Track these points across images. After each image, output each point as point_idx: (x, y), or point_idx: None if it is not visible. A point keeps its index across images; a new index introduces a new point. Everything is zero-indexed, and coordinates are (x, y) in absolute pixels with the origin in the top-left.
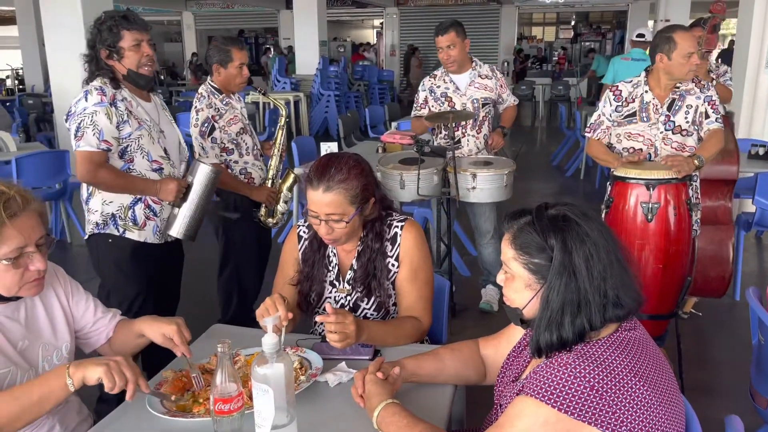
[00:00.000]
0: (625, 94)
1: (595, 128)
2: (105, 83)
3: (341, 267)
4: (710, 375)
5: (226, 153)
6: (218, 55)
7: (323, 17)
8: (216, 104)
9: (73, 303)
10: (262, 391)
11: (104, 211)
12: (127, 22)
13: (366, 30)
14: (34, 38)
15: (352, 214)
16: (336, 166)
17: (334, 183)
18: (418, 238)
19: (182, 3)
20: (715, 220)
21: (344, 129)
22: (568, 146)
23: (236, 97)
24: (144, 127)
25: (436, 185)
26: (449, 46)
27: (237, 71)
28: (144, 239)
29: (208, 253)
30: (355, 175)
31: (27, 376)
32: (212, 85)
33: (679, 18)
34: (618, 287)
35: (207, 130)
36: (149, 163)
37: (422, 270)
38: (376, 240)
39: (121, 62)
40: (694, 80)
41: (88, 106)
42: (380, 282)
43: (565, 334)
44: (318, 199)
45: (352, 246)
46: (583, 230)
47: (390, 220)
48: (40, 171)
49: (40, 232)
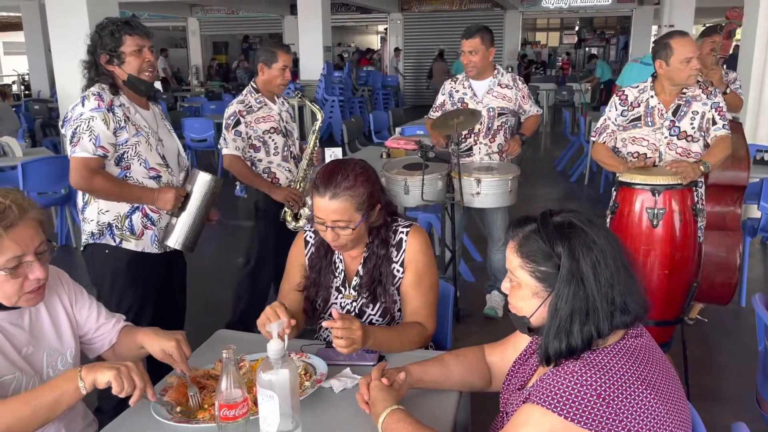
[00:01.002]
0: (631, 99)
1: (601, 132)
2: (103, 89)
3: (347, 273)
4: (716, 381)
5: (253, 150)
6: (264, 55)
7: (327, 23)
8: (249, 101)
9: (77, 308)
10: (267, 397)
11: (100, 220)
12: (129, 27)
13: (370, 36)
14: (40, 44)
15: (359, 221)
16: (343, 173)
17: (340, 190)
18: (423, 244)
19: (187, 9)
20: (723, 225)
21: (348, 134)
22: (572, 151)
23: (280, 100)
24: (142, 134)
25: (441, 190)
26: (471, 51)
27: (279, 72)
28: (142, 249)
29: (213, 257)
30: (362, 182)
31: (32, 382)
32: (253, 85)
33: (684, 23)
34: (625, 294)
35: (232, 123)
36: (146, 170)
37: (427, 275)
38: (382, 246)
39: (122, 67)
40: (701, 86)
41: (85, 112)
42: (385, 288)
43: (573, 342)
44: (325, 206)
45: (358, 252)
46: (589, 237)
47: (395, 225)
48: (46, 176)
49: (38, 240)
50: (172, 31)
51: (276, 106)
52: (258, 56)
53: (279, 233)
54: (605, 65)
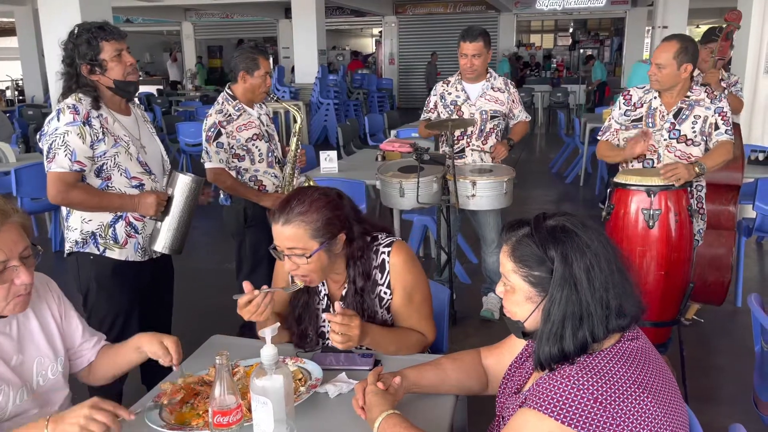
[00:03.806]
0: (635, 99)
1: (605, 131)
2: (79, 100)
3: (331, 298)
4: (713, 382)
5: (237, 159)
6: (245, 63)
7: (322, 26)
8: (227, 110)
9: (66, 320)
10: (261, 404)
11: (83, 229)
12: (104, 32)
13: (365, 39)
14: (34, 49)
15: (315, 248)
16: (298, 200)
17: (293, 215)
18: (407, 261)
19: (182, 13)
20: (718, 225)
21: (344, 137)
22: (567, 153)
23: (257, 104)
24: (121, 144)
25: (436, 193)
26: (475, 55)
27: (262, 80)
28: (125, 257)
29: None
30: (317, 208)
31: (20, 393)
32: (228, 92)
33: (677, 25)
34: (620, 297)
35: (213, 134)
36: (128, 180)
37: (417, 291)
38: (360, 278)
39: (106, 75)
40: (706, 90)
41: (60, 126)
42: (369, 319)
43: (567, 347)
44: (278, 232)
45: (340, 277)
46: (583, 241)
47: (375, 245)
48: (40, 181)
49: (23, 245)
50: (166, 35)
51: (255, 111)
52: (237, 64)
53: (269, 238)
54: (602, 67)
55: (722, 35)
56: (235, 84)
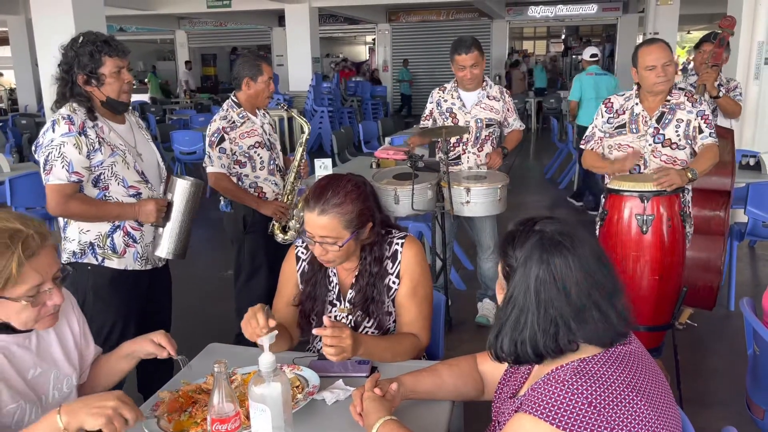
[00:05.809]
0: (616, 107)
1: (589, 140)
2: (74, 110)
3: (341, 287)
4: (707, 386)
5: (239, 166)
6: (249, 70)
7: (316, 34)
8: (231, 116)
9: (83, 336)
10: (259, 411)
11: (81, 239)
12: (108, 47)
13: (359, 46)
14: (27, 59)
15: (347, 238)
16: (333, 190)
17: (329, 207)
18: (418, 255)
19: (175, 21)
20: (708, 230)
21: (338, 145)
22: (560, 159)
23: (261, 112)
24: (118, 154)
25: (431, 200)
26: (473, 65)
27: (266, 85)
28: (124, 267)
29: (203, 270)
30: (352, 200)
31: (35, 409)
32: (233, 99)
33: (668, 31)
34: (576, 319)
35: (216, 140)
36: (125, 189)
37: (422, 286)
38: (375, 264)
39: (101, 89)
40: (686, 94)
41: (56, 138)
42: (378, 305)
43: (502, 344)
44: (313, 221)
45: (352, 265)
46: (557, 255)
47: (390, 237)
48: (34, 191)
49: (56, 267)
50: (160, 44)
51: (258, 119)
52: (241, 71)
53: (269, 245)
54: None
55: (716, 42)
56: (239, 91)
